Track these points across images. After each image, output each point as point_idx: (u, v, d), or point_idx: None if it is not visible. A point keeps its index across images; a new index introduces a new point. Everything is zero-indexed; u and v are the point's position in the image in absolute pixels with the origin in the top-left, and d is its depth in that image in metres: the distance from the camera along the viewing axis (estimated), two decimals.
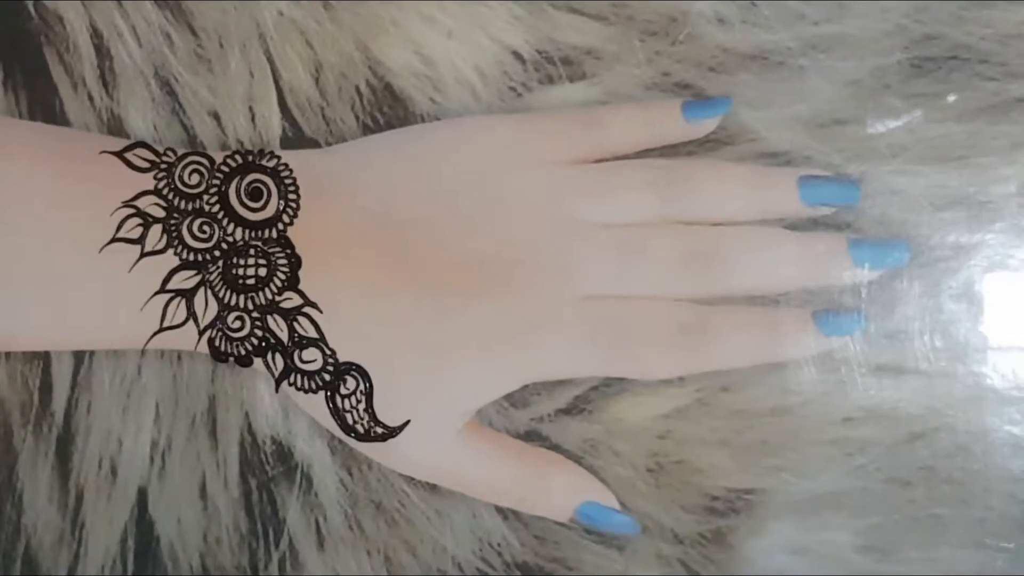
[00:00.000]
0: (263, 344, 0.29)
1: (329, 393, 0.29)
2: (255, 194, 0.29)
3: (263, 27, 0.31)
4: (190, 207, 0.29)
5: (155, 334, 0.28)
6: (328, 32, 0.31)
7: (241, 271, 0.29)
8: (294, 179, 0.29)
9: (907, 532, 0.31)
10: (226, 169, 0.29)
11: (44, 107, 0.31)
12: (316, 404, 0.29)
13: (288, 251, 0.29)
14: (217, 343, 0.29)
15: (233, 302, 0.29)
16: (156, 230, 0.28)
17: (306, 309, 0.29)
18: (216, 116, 0.31)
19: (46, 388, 0.31)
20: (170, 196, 0.29)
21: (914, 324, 0.31)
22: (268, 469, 0.31)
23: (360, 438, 0.29)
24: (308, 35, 0.31)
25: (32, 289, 0.28)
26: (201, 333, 0.29)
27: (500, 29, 0.31)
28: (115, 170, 0.29)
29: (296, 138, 0.31)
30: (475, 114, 0.31)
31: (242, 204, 0.29)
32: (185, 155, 0.29)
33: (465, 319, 0.29)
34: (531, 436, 0.31)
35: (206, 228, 0.29)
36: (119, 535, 0.31)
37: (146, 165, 0.29)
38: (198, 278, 0.29)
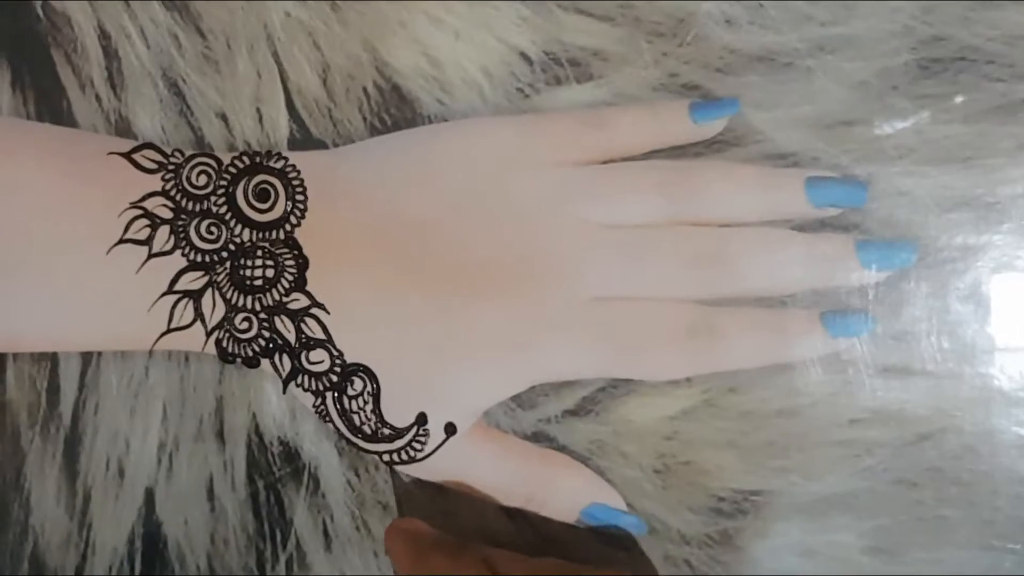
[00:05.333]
0: (270, 345, 0.29)
1: (336, 394, 0.29)
2: (262, 195, 0.29)
3: (271, 28, 0.31)
4: (198, 208, 0.29)
5: (162, 335, 0.28)
6: (335, 33, 0.31)
7: (248, 272, 0.29)
8: (301, 180, 0.29)
9: (914, 533, 0.31)
10: (233, 170, 0.29)
11: (52, 108, 0.31)
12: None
13: (295, 252, 0.29)
14: (224, 344, 0.29)
15: (240, 303, 0.29)
16: (164, 231, 0.28)
17: (313, 310, 0.29)
18: (224, 117, 0.31)
19: (54, 389, 0.31)
20: (178, 197, 0.29)
21: (921, 325, 0.30)
22: (275, 470, 0.31)
23: (367, 439, 0.29)
24: (316, 36, 0.31)
25: (40, 290, 0.28)
26: (208, 334, 0.29)
27: (507, 30, 0.31)
28: (123, 171, 0.29)
29: (303, 139, 0.31)
30: (482, 115, 0.31)
31: (249, 205, 0.29)
32: (193, 156, 0.29)
33: (472, 320, 0.29)
34: (538, 437, 0.31)
35: (213, 229, 0.29)
36: (126, 536, 0.31)
37: (154, 166, 0.29)
38: (206, 279, 0.29)
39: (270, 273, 0.29)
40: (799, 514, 0.31)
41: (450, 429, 0.29)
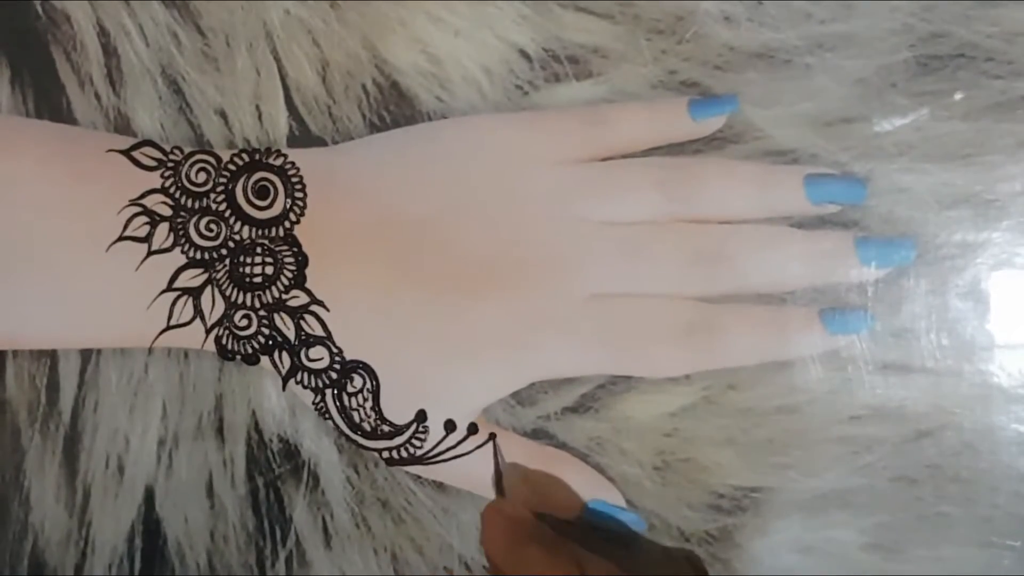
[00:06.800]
0: (270, 342, 0.29)
1: (336, 391, 0.29)
2: (262, 192, 0.29)
3: (270, 26, 0.31)
4: (197, 205, 0.29)
5: (162, 332, 0.28)
6: (335, 31, 0.31)
7: (248, 269, 0.29)
8: (301, 177, 0.29)
9: (913, 530, 0.31)
10: (233, 167, 0.29)
11: (51, 106, 0.31)
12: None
13: (295, 249, 0.29)
14: (224, 341, 0.29)
15: (240, 300, 0.29)
16: (163, 228, 0.29)
17: (313, 307, 0.29)
18: (223, 115, 0.31)
19: (53, 387, 0.31)
20: (177, 194, 0.29)
21: (921, 322, 0.31)
22: (275, 467, 0.31)
23: (367, 436, 0.29)
24: (315, 34, 0.31)
25: (39, 287, 0.28)
26: (208, 331, 0.29)
27: (507, 28, 0.31)
28: (122, 169, 0.29)
29: (303, 136, 0.31)
30: (482, 113, 0.31)
31: (249, 202, 0.29)
32: (192, 153, 0.29)
33: (472, 317, 0.29)
34: (538, 434, 0.31)
35: (213, 226, 0.29)
36: (126, 533, 0.31)
37: (153, 163, 0.29)
38: (205, 276, 0.29)
39: (269, 270, 0.29)
40: (798, 511, 0.31)
41: (449, 426, 0.29)
